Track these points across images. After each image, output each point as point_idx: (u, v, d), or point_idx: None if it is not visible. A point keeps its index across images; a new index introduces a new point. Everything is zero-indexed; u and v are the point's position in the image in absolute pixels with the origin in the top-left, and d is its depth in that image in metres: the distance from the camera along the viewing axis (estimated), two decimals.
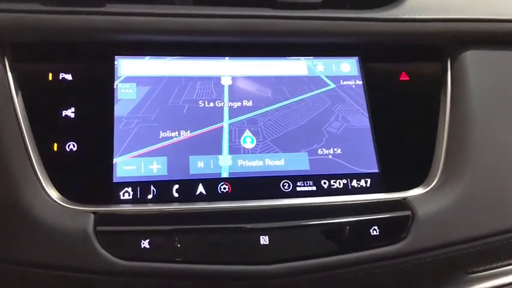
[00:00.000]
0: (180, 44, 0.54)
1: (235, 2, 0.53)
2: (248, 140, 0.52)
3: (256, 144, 0.52)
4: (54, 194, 0.46)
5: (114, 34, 0.51)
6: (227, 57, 0.55)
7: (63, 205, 0.46)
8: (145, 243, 0.44)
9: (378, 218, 0.49)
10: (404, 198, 0.51)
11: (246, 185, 0.50)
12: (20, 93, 0.49)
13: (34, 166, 0.46)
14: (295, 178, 0.51)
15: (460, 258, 0.50)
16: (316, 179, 0.52)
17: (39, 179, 0.46)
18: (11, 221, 0.45)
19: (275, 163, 0.52)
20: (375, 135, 0.54)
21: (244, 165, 0.51)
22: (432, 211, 0.50)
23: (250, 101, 0.54)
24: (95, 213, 0.46)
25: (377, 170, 0.53)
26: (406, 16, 0.55)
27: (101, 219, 0.45)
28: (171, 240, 0.45)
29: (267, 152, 0.52)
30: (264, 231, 0.46)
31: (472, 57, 0.57)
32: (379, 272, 0.48)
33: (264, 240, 0.46)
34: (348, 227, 0.48)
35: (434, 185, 0.52)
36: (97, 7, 0.49)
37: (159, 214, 0.47)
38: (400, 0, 0.57)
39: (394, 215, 0.49)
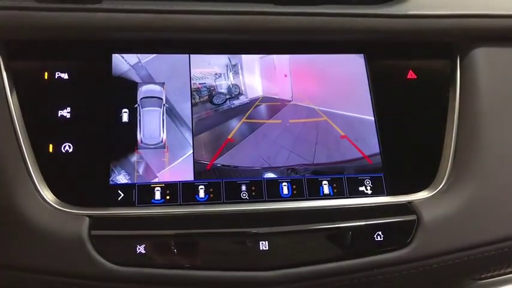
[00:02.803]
0: (178, 41, 0.52)
1: None
2: None
3: None
4: (48, 196, 0.45)
5: (111, 32, 0.49)
6: (227, 55, 0.54)
7: (57, 208, 0.45)
8: (140, 248, 0.43)
9: (382, 223, 0.47)
10: (409, 202, 0.50)
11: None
12: (14, 93, 0.48)
13: (28, 167, 0.46)
14: (296, 181, 0.50)
15: (466, 265, 0.49)
16: (317, 181, 0.50)
17: (34, 180, 0.45)
18: (3, 223, 0.44)
19: None
20: (380, 135, 0.53)
21: None
22: (438, 216, 0.48)
23: None
24: (89, 216, 0.45)
25: (381, 172, 0.51)
26: (414, 12, 0.53)
27: (95, 223, 0.44)
28: (168, 245, 0.44)
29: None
30: (263, 236, 0.45)
31: (482, 55, 0.55)
32: (383, 278, 0.47)
33: (264, 245, 0.45)
34: (350, 232, 0.47)
35: (441, 188, 0.50)
36: (93, 4, 0.48)
37: (155, 218, 0.46)
38: None
39: (398, 219, 0.48)
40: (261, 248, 0.45)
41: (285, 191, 0.49)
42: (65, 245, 0.43)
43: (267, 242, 0.45)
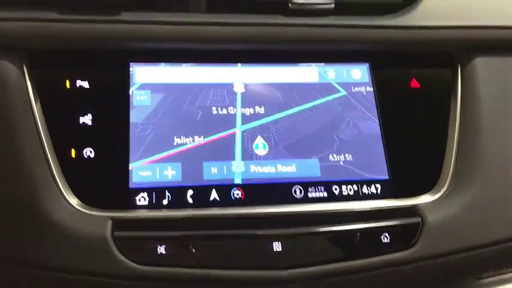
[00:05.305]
0: (193, 51, 0.55)
1: (247, 9, 0.54)
2: (260, 146, 0.53)
3: (268, 151, 0.53)
4: (73, 200, 0.47)
5: (130, 42, 0.52)
6: (239, 64, 0.56)
7: (81, 211, 0.47)
8: (161, 249, 0.46)
9: (388, 225, 0.49)
10: (414, 205, 0.52)
11: (259, 191, 0.51)
12: (38, 100, 0.49)
13: (53, 172, 0.47)
14: (306, 184, 0.52)
15: (469, 265, 0.51)
16: (327, 185, 0.52)
17: (58, 185, 0.47)
18: (31, 226, 0.46)
19: (287, 169, 0.52)
20: (386, 141, 0.55)
21: (256, 171, 0.52)
22: (441, 218, 0.50)
23: (263, 107, 0.55)
24: (112, 218, 0.47)
25: (387, 177, 0.53)
26: (418, 23, 0.56)
27: (118, 224, 0.46)
28: (186, 245, 0.46)
29: (279, 158, 0.53)
30: (276, 238, 0.47)
31: (482, 65, 0.57)
32: (390, 277, 0.49)
33: (277, 246, 0.47)
34: (358, 234, 0.49)
35: (444, 192, 0.53)
36: (112, 16, 0.50)
37: (174, 220, 0.48)
38: (410, 6, 0.57)
39: (404, 222, 0.50)
40: (274, 249, 0.47)
41: (296, 194, 0.52)
42: (89, 246, 0.45)
43: (280, 243, 0.47)
